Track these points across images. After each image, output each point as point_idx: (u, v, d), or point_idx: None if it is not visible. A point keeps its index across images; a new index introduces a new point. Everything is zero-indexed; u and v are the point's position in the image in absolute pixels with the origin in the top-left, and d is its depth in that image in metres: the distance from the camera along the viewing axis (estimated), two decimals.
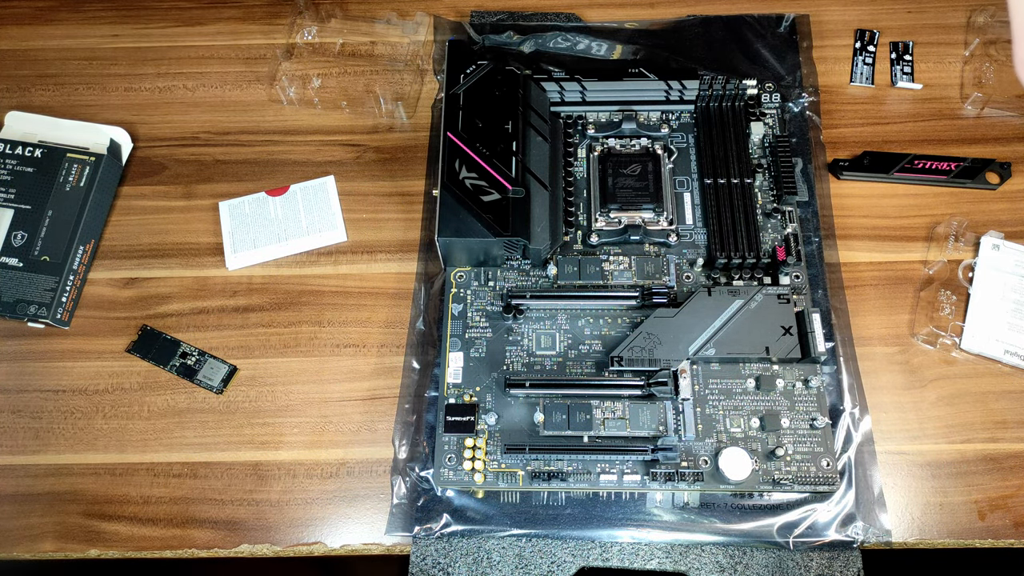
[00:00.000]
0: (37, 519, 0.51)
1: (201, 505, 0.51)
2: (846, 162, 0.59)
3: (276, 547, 0.50)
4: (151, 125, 0.64)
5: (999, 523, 0.49)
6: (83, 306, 0.57)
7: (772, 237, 0.55)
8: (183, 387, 0.55)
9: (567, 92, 0.59)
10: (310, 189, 0.60)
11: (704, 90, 0.59)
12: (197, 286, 0.58)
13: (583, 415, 0.50)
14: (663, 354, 0.51)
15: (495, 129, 0.55)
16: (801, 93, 0.61)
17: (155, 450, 0.53)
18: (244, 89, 0.65)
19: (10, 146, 0.60)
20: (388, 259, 0.58)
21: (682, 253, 0.56)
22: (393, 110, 0.63)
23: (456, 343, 0.53)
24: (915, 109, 0.62)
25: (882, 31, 0.64)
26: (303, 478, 0.52)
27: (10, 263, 0.57)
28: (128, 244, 0.59)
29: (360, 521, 0.51)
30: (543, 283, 0.55)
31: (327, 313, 0.56)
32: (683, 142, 0.59)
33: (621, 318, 0.54)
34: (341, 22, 0.67)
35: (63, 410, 0.54)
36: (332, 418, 0.53)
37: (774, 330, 0.51)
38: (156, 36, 0.67)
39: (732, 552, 0.49)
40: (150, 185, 0.62)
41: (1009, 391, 0.52)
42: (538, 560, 0.49)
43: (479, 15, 0.67)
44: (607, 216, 0.56)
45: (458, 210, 0.52)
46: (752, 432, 0.50)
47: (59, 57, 0.67)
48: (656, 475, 0.49)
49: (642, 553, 0.49)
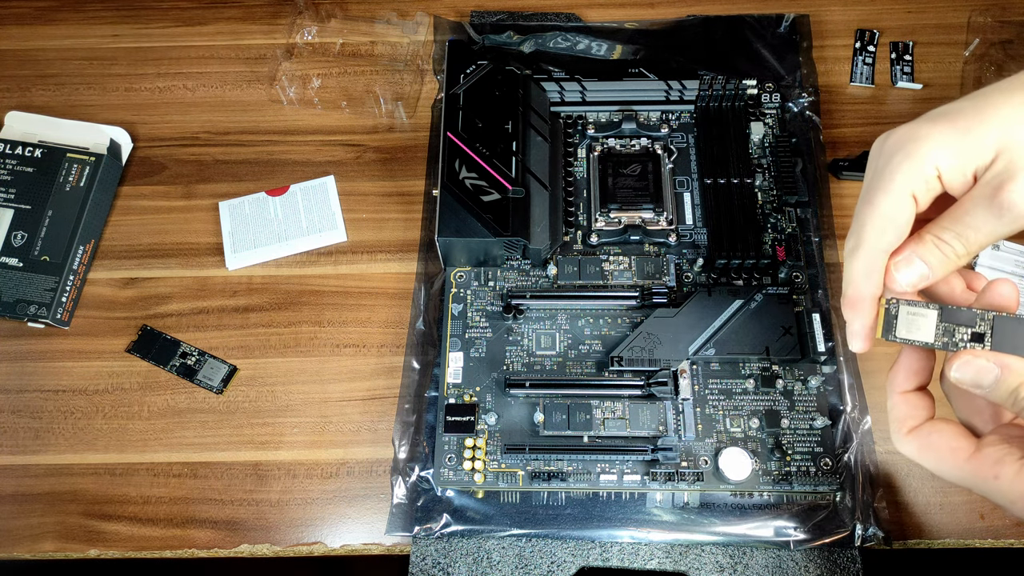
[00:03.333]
0: (37, 519, 0.51)
1: (201, 505, 0.51)
2: (846, 162, 0.59)
3: (276, 547, 0.50)
4: (151, 125, 0.64)
5: (999, 523, 0.49)
6: (83, 306, 0.57)
7: (772, 237, 0.55)
8: (183, 387, 0.55)
9: (567, 92, 0.59)
10: (310, 189, 0.60)
11: (704, 90, 0.59)
12: (197, 286, 0.58)
13: (583, 415, 0.50)
14: (663, 354, 0.51)
15: (495, 129, 0.55)
16: (801, 93, 0.61)
17: (155, 450, 0.53)
18: (244, 89, 0.65)
19: (10, 146, 0.60)
20: (388, 259, 0.58)
21: (682, 253, 0.56)
22: (393, 110, 0.63)
23: (456, 343, 0.53)
24: (915, 109, 0.62)
25: (882, 31, 0.64)
26: (303, 478, 0.52)
27: (10, 263, 0.57)
28: (128, 244, 0.59)
29: (360, 521, 0.51)
30: (543, 283, 0.55)
31: (327, 313, 0.56)
32: (683, 142, 0.59)
33: (621, 318, 0.54)
34: (341, 22, 0.67)
35: (63, 410, 0.54)
36: (332, 418, 0.53)
37: (774, 330, 0.51)
38: (156, 36, 0.67)
39: (732, 552, 0.49)
40: (150, 185, 0.62)
41: None
42: (538, 560, 0.49)
43: (479, 15, 0.67)
44: (607, 216, 0.56)
45: (458, 210, 0.52)
46: (752, 432, 0.50)
47: (59, 57, 0.67)
48: (656, 475, 0.49)
49: (642, 553, 0.49)
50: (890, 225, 0.34)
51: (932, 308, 0.36)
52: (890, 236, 0.34)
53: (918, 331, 0.36)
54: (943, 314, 0.36)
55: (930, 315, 0.36)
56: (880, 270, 0.35)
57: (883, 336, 0.36)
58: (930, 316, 0.36)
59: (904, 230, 0.34)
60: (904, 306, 0.36)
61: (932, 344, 0.35)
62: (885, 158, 0.35)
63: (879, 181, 0.35)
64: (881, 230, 0.34)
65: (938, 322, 0.36)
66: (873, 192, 0.35)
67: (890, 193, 0.34)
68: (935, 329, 0.36)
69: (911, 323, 0.36)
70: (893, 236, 0.34)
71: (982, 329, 0.35)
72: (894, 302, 0.36)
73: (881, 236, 0.34)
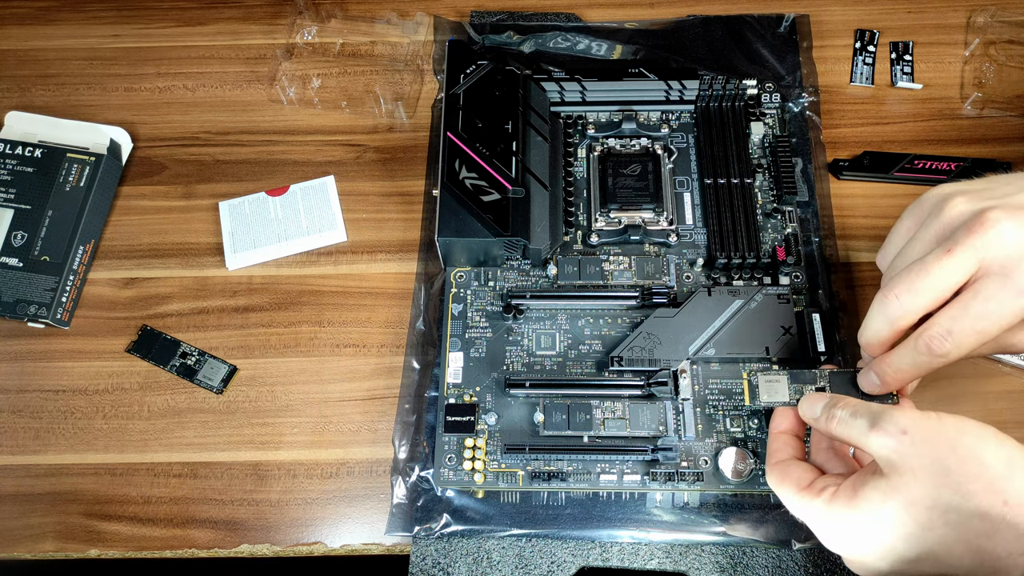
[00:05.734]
0: (37, 519, 0.51)
1: (201, 505, 0.51)
2: (846, 162, 0.59)
3: (276, 547, 0.50)
4: (151, 125, 0.64)
5: None
6: (83, 306, 0.57)
7: (772, 237, 0.55)
8: (183, 387, 0.55)
9: (567, 92, 0.59)
10: (310, 189, 0.60)
11: (704, 90, 0.59)
12: (197, 286, 0.58)
13: (583, 415, 0.50)
14: (663, 354, 0.51)
15: (495, 129, 0.55)
16: (801, 93, 0.61)
17: (155, 450, 0.53)
18: (244, 89, 0.65)
19: (10, 146, 0.60)
20: (388, 259, 0.58)
21: (682, 253, 0.56)
22: (393, 110, 0.63)
23: (456, 343, 0.53)
24: (915, 109, 0.62)
25: (882, 31, 0.64)
26: (303, 478, 0.52)
27: (10, 263, 0.57)
28: (128, 244, 0.59)
29: (360, 521, 0.51)
30: (543, 283, 0.55)
31: (327, 313, 0.56)
32: (683, 142, 0.59)
33: (621, 318, 0.54)
34: (341, 22, 0.67)
35: (63, 410, 0.54)
36: (332, 418, 0.53)
37: (774, 330, 0.51)
38: (156, 36, 0.67)
39: (732, 552, 0.49)
40: (150, 185, 0.62)
41: (1009, 391, 0.52)
42: (538, 560, 0.49)
43: (479, 15, 0.67)
44: (607, 216, 0.56)
45: (458, 210, 0.52)
46: (752, 432, 0.50)
47: (59, 57, 0.67)
48: (656, 475, 0.49)
49: (642, 553, 0.49)
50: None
51: (783, 374, 0.46)
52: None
53: (776, 394, 0.46)
54: (792, 377, 0.46)
55: (783, 379, 0.46)
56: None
57: (750, 403, 0.46)
58: (783, 380, 0.46)
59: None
60: (761, 375, 0.46)
61: (789, 402, 0.45)
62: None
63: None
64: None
65: (789, 384, 0.46)
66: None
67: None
68: (788, 390, 0.46)
69: (770, 389, 0.46)
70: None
71: (822, 384, 0.45)
72: (754, 375, 0.46)
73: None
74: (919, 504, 0.34)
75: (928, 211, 0.41)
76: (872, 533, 0.36)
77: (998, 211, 0.38)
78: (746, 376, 0.46)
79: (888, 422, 0.36)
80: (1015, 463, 0.34)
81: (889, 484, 0.35)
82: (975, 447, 0.34)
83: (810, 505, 0.38)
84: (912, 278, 0.39)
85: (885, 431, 0.36)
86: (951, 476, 0.34)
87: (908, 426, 0.35)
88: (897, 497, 0.35)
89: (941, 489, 0.34)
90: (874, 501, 0.36)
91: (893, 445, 0.35)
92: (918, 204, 0.43)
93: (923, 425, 0.35)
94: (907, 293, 0.39)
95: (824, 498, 0.38)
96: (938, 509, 0.34)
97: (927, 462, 0.34)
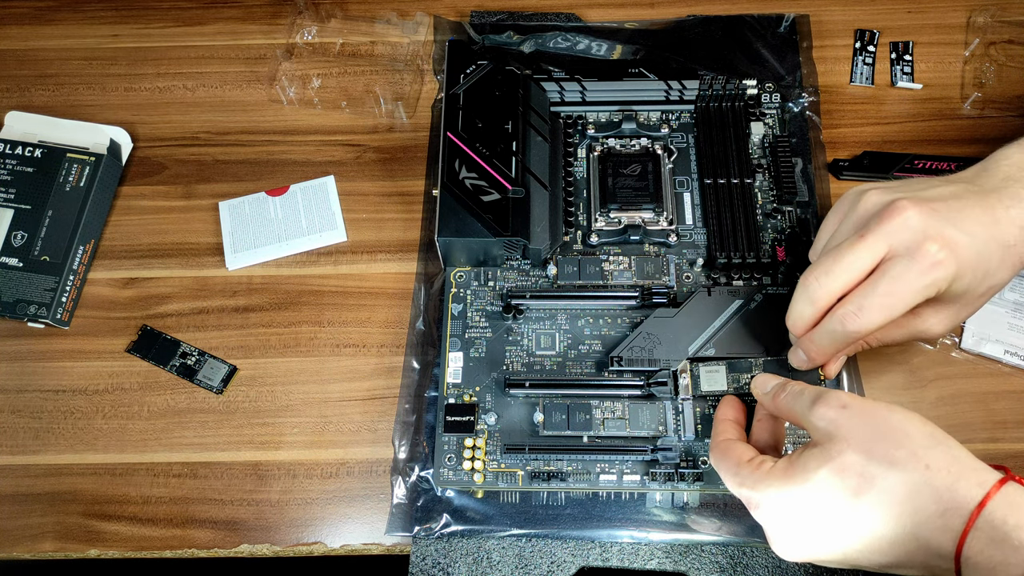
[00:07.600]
0: (37, 519, 0.51)
1: (201, 505, 0.51)
2: (846, 162, 0.59)
3: (276, 547, 0.50)
4: (151, 125, 0.64)
5: None
6: (83, 306, 0.57)
7: (772, 237, 0.55)
8: (183, 387, 0.55)
9: (567, 92, 0.59)
10: (310, 189, 0.60)
11: (704, 90, 0.59)
12: (197, 286, 0.58)
13: (583, 415, 0.50)
14: (663, 354, 0.51)
15: (495, 129, 0.55)
16: (801, 93, 0.61)
17: (155, 450, 0.53)
18: (244, 89, 0.65)
19: (10, 146, 0.60)
20: (388, 259, 0.58)
21: (682, 253, 0.56)
22: (393, 110, 0.63)
23: (456, 343, 0.53)
24: (915, 109, 0.62)
25: (882, 31, 0.64)
26: (303, 478, 0.52)
27: (10, 263, 0.57)
28: (128, 244, 0.59)
29: (360, 521, 0.51)
30: (543, 283, 0.55)
31: (327, 313, 0.56)
32: (683, 142, 0.59)
33: (621, 318, 0.54)
34: (341, 22, 0.67)
35: (63, 410, 0.54)
36: (332, 418, 0.53)
37: (774, 330, 0.51)
38: (156, 36, 0.67)
39: (732, 552, 0.49)
40: (150, 185, 0.62)
41: (1009, 391, 0.52)
42: (538, 560, 0.49)
43: (479, 15, 0.67)
44: (607, 216, 0.56)
45: (458, 210, 0.52)
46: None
47: (59, 57, 0.67)
48: (656, 475, 0.49)
49: (642, 553, 0.49)
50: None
51: (721, 365, 0.50)
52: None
53: (715, 383, 0.50)
54: (730, 367, 0.50)
55: (721, 370, 0.50)
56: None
57: (693, 392, 0.50)
58: (721, 371, 0.50)
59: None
60: (702, 366, 0.50)
61: (727, 391, 0.50)
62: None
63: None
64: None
65: (727, 373, 0.50)
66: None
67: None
68: (726, 379, 0.50)
69: (710, 379, 0.50)
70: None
71: (755, 372, 0.49)
72: (696, 366, 0.50)
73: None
74: (850, 469, 0.38)
75: (848, 206, 0.46)
76: (804, 502, 0.39)
77: (906, 201, 0.42)
78: (689, 368, 0.50)
79: (832, 397, 0.40)
80: (936, 437, 0.38)
81: (824, 452, 0.38)
82: (902, 422, 0.38)
83: (749, 477, 0.41)
84: (829, 262, 0.43)
85: (827, 404, 0.40)
86: (880, 444, 0.37)
87: (848, 402, 0.39)
88: (830, 463, 0.38)
89: (871, 455, 0.37)
90: (808, 469, 0.38)
91: (832, 416, 0.39)
92: (840, 202, 0.47)
93: (860, 403, 0.39)
94: (825, 275, 0.43)
95: (763, 470, 0.41)
96: (867, 475, 0.37)
97: (860, 432, 0.38)
